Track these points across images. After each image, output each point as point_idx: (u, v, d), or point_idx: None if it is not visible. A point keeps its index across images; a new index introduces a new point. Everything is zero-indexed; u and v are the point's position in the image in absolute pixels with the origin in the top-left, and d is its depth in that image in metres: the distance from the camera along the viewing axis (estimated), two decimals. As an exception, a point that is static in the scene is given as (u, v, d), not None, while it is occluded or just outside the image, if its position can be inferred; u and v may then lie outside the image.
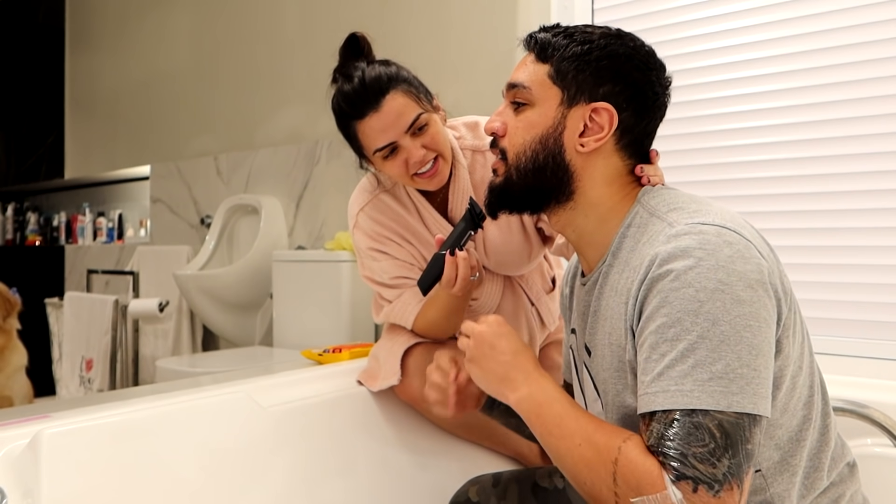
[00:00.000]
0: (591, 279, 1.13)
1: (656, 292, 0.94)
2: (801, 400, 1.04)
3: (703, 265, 0.92)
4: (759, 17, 2.01)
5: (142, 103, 4.17)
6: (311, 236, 3.21)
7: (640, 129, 1.10)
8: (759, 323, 0.92)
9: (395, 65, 1.60)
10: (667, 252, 0.95)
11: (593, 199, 1.10)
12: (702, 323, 0.90)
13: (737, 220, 0.99)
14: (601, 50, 1.08)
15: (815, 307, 1.92)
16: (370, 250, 1.70)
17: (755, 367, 0.90)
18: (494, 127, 1.14)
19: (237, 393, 1.55)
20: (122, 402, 1.56)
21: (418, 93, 1.57)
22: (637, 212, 1.08)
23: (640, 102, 1.09)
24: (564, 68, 1.08)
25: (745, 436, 0.89)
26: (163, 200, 3.98)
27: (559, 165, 1.09)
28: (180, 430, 1.42)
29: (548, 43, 1.11)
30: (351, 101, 1.54)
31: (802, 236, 1.94)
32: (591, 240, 1.12)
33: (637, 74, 1.08)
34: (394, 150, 1.55)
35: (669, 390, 0.90)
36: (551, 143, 1.09)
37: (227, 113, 3.66)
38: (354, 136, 1.58)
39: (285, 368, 1.93)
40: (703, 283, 0.91)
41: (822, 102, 1.92)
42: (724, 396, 0.88)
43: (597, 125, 1.08)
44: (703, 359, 0.89)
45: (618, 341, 1.04)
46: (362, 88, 1.53)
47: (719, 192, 2.07)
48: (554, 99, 1.09)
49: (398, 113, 1.52)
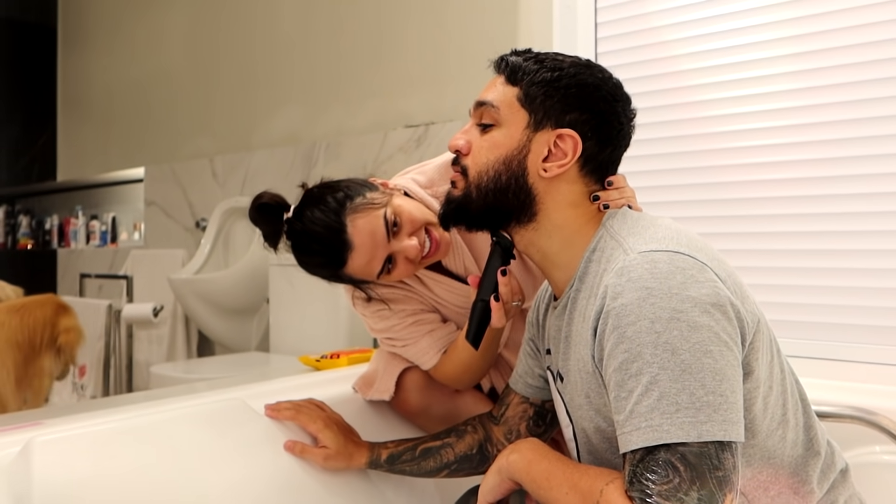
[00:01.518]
0: (561, 303, 1.15)
1: (612, 328, 0.96)
2: (775, 420, 1.05)
3: (656, 295, 0.93)
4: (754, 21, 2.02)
5: (136, 104, 4.18)
6: (308, 240, 3.21)
7: (603, 157, 1.13)
8: (719, 347, 0.93)
9: (323, 192, 1.50)
10: (619, 285, 0.96)
11: (558, 221, 1.13)
12: (661, 354, 0.91)
13: (693, 243, 1.01)
14: (570, 78, 1.11)
15: (821, 312, 1.92)
16: (377, 312, 1.63)
17: (721, 392, 0.91)
18: (458, 145, 1.17)
19: (233, 400, 1.56)
20: (115, 408, 1.56)
21: (365, 197, 1.48)
22: (602, 235, 1.10)
23: (605, 132, 1.12)
24: (533, 93, 1.11)
25: (714, 464, 0.89)
26: (157, 203, 3.99)
27: (521, 188, 1.12)
28: (175, 437, 1.42)
29: (518, 66, 1.14)
30: (324, 264, 1.48)
31: (811, 239, 1.95)
32: (557, 261, 1.14)
33: (603, 105, 1.12)
34: (391, 260, 1.49)
35: (641, 427, 0.91)
36: (515, 165, 1.12)
37: (223, 114, 3.67)
38: (349, 279, 1.52)
39: (282, 375, 1.94)
40: (658, 313, 0.92)
41: (804, 121, 1.94)
42: (694, 426, 0.89)
43: (561, 151, 1.11)
44: (668, 390, 0.90)
45: (586, 367, 1.06)
46: (323, 246, 1.45)
47: (695, 212, 2.10)
48: (521, 122, 1.12)
49: (370, 233, 1.44)
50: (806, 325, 1.95)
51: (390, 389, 1.67)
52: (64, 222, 4.80)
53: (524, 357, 1.37)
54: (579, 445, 1.17)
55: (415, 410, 1.68)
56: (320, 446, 1.50)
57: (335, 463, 1.49)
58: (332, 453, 1.49)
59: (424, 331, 1.62)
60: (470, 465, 1.44)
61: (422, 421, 1.70)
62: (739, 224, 2.05)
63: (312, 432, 1.52)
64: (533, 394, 1.37)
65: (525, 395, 1.37)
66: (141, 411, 1.47)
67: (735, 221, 2.06)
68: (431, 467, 1.45)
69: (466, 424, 1.47)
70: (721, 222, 2.08)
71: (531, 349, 1.35)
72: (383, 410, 1.75)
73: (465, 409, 1.67)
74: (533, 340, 1.34)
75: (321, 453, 1.49)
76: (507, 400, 1.41)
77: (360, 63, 3.01)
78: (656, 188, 2.18)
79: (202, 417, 1.48)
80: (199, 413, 1.49)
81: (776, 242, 1.99)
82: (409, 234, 1.49)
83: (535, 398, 1.37)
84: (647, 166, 2.19)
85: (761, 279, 1.99)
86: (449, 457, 1.44)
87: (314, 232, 1.45)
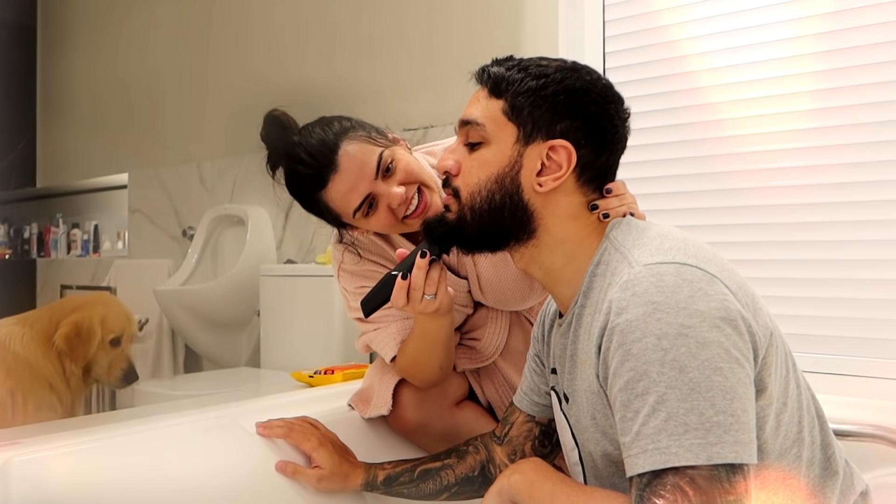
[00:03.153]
0: (566, 320, 1.14)
1: (617, 345, 0.95)
2: (790, 437, 1.05)
3: (662, 310, 0.93)
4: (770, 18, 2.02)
5: (119, 106, 4.19)
6: (301, 249, 3.23)
7: (600, 164, 1.13)
8: (730, 364, 0.92)
9: (333, 118, 1.56)
10: (624, 300, 0.96)
11: (558, 235, 1.13)
12: (668, 372, 0.91)
13: (701, 254, 1.01)
14: (557, 84, 1.11)
15: (839, 325, 1.92)
16: (359, 289, 1.65)
17: (732, 411, 0.90)
18: (447, 166, 1.16)
19: (222, 418, 1.56)
20: (97, 427, 1.56)
21: (369, 133, 1.53)
22: (605, 248, 1.10)
23: (599, 137, 1.12)
24: (520, 104, 1.11)
25: (725, 487, 0.88)
26: (142, 211, 4.00)
27: (517, 205, 1.11)
28: (161, 457, 1.42)
29: (501, 77, 1.13)
30: (306, 177, 1.50)
31: (828, 249, 1.94)
32: (560, 277, 1.14)
33: (595, 109, 1.11)
34: (372, 203, 1.50)
35: (648, 450, 0.91)
36: (508, 182, 1.11)
37: (212, 117, 3.68)
38: (326, 208, 1.54)
39: (274, 391, 1.94)
40: (664, 329, 0.92)
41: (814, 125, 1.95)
42: (703, 448, 0.88)
43: (555, 163, 1.10)
44: (676, 410, 0.90)
45: (592, 387, 1.06)
46: (311, 157, 1.49)
47: (704, 220, 2.11)
48: (509, 136, 1.12)
49: (359, 163, 1.48)
50: (823, 338, 1.94)
51: (388, 403, 1.67)
52: (44, 231, 4.80)
53: (529, 374, 1.37)
54: (586, 470, 1.17)
55: (412, 427, 1.68)
56: (314, 466, 1.50)
57: (329, 484, 1.49)
58: (327, 474, 1.48)
59: (398, 316, 1.63)
60: (471, 487, 1.44)
61: (420, 438, 1.70)
62: (752, 232, 2.05)
63: (306, 451, 1.51)
64: (539, 412, 1.36)
65: (530, 413, 1.37)
66: (125, 430, 1.47)
67: (747, 230, 2.05)
68: (431, 490, 1.45)
69: (468, 444, 1.47)
70: (732, 230, 2.08)
71: (537, 365, 1.35)
72: (380, 429, 1.75)
73: (466, 424, 1.68)
74: (539, 356, 1.34)
75: (315, 474, 1.49)
76: (511, 419, 1.41)
77: (357, 64, 3.02)
78: (665, 195, 2.19)
79: (189, 436, 1.49)
80: (186, 432, 1.50)
81: (791, 252, 1.99)
82: (400, 184, 1.50)
83: (541, 417, 1.37)
84: (656, 172, 2.19)
85: (775, 290, 1.99)
86: (449, 479, 1.44)
87: (308, 144, 1.50)
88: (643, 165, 2.19)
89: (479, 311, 1.72)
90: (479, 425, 1.67)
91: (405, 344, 1.60)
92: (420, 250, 1.29)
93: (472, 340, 1.72)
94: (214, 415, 1.61)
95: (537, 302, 1.70)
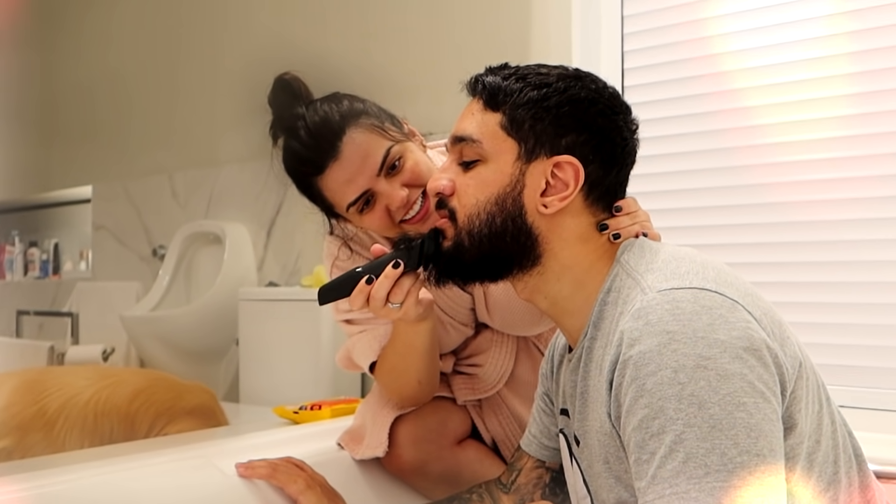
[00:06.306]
0: (575, 355, 1.14)
1: (630, 379, 0.95)
2: (824, 479, 1.04)
3: (679, 339, 0.93)
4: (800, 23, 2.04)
5: (82, 112, 4.20)
6: (284, 271, 3.23)
7: (609, 180, 1.13)
8: (754, 398, 0.91)
9: (345, 97, 1.56)
10: (637, 329, 0.96)
11: (566, 260, 1.13)
12: (686, 408, 0.90)
13: (721, 277, 1.01)
14: (560, 94, 1.11)
15: (879, 355, 1.91)
16: None
17: (757, 451, 0.89)
18: (440, 186, 1.15)
19: (196, 458, 1.57)
20: (61, 468, 1.56)
21: (381, 122, 1.52)
22: (617, 273, 1.10)
23: (608, 151, 1.12)
24: (520, 117, 1.11)
25: None
26: (107, 227, 4.01)
27: (520, 229, 1.11)
28: (130, 501, 1.43)
29: (498, 88, 1.13)
30: (303, 157, 1.52)
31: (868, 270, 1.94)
32: (568, 307, 1.14)
33: (602, 120, 1.12)
34: (369, 200, 1.50)
35: (665, 495, 0.90)
36: (509, 203, 1.11)
37: (184, 123, 3.69)
38: (319, 196, 1.55)
39: (254, 429, 1.95)
40: (682, 360, 0.92)
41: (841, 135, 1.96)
42: (726, 493, 0.88)
43: (561, 182, 1.10)
44: (695, 450, 0.89)
45: (604, 428, 1.05)
46: (312, 138, 1.50)
47: (726, 239, 2.11)
48: (509, 153, 1.12)
49: (363, 154, 1.48)
50: (860, 369, 1.93)
51: (384, 443, 1.67)
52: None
53: (538, 415, 1.36)
54: None
55: (409, 468, 1.69)
56: None
57: None
58: None
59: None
60: None
61: (417, 481, 1.71)
62: (779, 252, 2.05)
63: (292, 494, 1.51)
64: (549, 457, 1.36)
65: (540, 458, 1.37)
66: (90, 472, 1.48)
67: (774, 249, 2.05)
68: None
69: (471, 493, 1.46)
70: (757, 250, 2.08)
71: (546, 405, 1.35)
72: (373, 471, 1.76)
73: (468, 466, 1.68)
74: (548, 395, 1.34)
75: None
76: (518, 464, 1.40)
77: (350, 67, 3.03)
78: (683, 210, 2.20)
79: (161, 479, 1.50)
80: (157, 473, 1.50)
81: (823, 273, 1.99)
82: (404, 185, 1.50)
83: (551, 462, 1.36)
84: (673, 185, 2.21)
85: (805, 316, 1.99)
86: None
87: (311, 121, 1.51)
88: (659, 178, 2.20)
89: (482, 334, 1.73)
90: (483, 467, 1.68)
91: (385, 349, 1.60)
92: (394, 259, 1.26)
93: (473, 367, 1.73)
94: (188, 455, 1.62)
95: (549, 328, 1.70)
